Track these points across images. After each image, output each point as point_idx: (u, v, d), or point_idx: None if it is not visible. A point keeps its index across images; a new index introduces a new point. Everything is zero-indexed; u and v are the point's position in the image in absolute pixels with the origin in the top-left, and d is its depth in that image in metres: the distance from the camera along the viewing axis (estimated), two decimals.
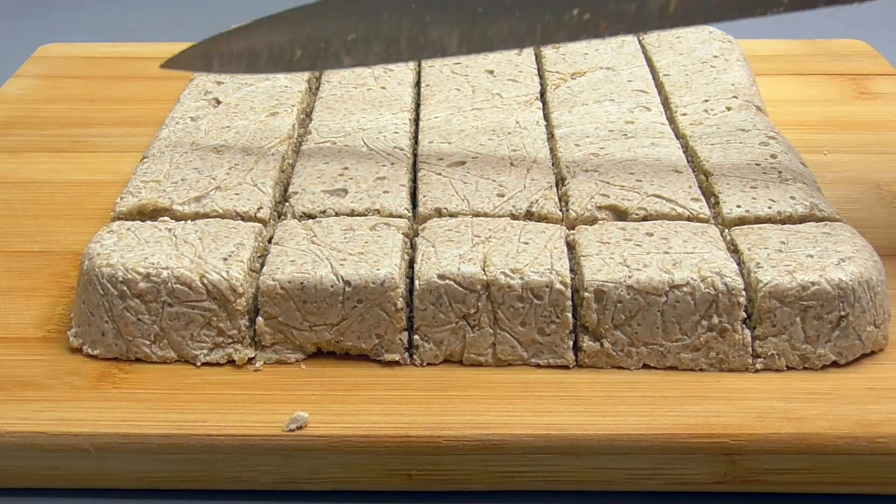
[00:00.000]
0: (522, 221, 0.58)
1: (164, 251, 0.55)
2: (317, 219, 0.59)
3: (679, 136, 0.68)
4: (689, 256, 0.54)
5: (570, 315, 0.53)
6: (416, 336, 0.54)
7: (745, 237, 0.57)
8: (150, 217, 0.60)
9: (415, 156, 0.67)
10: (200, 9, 1.19)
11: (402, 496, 0.50)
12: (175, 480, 0.50)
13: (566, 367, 0.54)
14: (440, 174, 0.63)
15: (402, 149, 0.66)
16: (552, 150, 0.67)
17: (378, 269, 0.53)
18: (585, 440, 0.49)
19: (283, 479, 0.50)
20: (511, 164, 0.64)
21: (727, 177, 0.62)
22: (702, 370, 0.54)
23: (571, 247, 0.56)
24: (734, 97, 0.73)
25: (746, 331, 0.53)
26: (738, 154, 0.65)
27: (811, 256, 0.54)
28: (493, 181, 0.62)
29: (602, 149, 0.66)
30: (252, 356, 0.54)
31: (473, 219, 0.58)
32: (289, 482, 0.50)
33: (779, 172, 0.63)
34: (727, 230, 0.58)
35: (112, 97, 0.83)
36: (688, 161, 0.65)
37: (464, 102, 0.73)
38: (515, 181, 0.62)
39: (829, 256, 0.54)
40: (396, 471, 0.50)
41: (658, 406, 0.51)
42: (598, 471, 0.50)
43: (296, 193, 0.61)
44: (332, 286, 0.53)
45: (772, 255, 0.55)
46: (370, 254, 0.55)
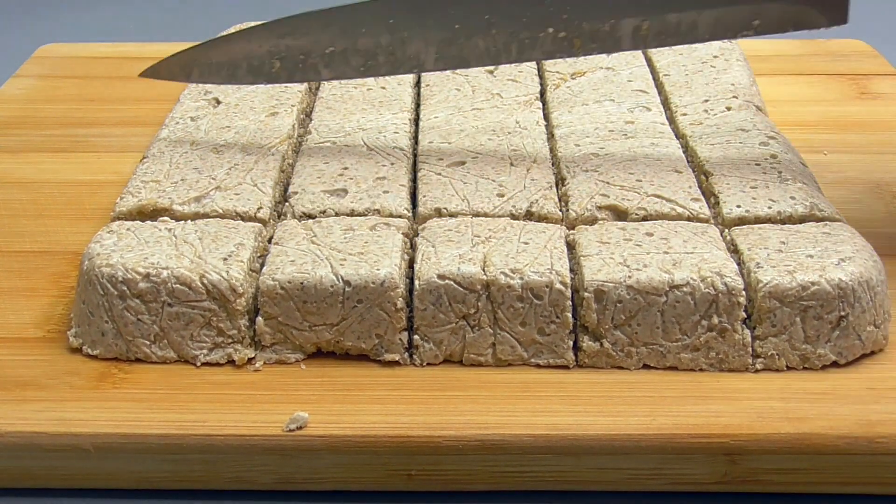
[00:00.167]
0: (522, 221, 0.58)
1: (164, 251, 0.55)
2: (317, 219, 0.59)
3: (679, 136, 0.68)
4: (689, 256, 0.54)
5: (570, 315, 0.53)
6: (416, 336, 0.54)
7: (745, 237, 0.57)
8: (150, 217, 0.60)
9: (415, 156, 0.67)
10: (200, 9, 1.19)
11: (402, 496, 0.50)
12: (175, 480, 0.50)
13: (566, 367, 0.54)
14: (440, 174, 0.63)
15: (402, 149, 0.66)
16: (552, 150, 0.67)
17: (378, 269, 0.53)
18: (585, 440, 0.49)
19: (283, 480, 0.50)
20: (511, 164, 0.64)
21: (727, 177, 0.62)
22: (702, 370, 0.54)
23: (571, 247, 0.56)
24: (734, 97, 0.73)
25: (746, 331, 0.53)
26: (738, 154, 0.65)
27: (811, 256, 0.54)
28: (493, 181, 0.62)
29: (602, 149, 0.66)
30: (252, 356, 0.54)
31: (473, 219, 0.58)
32: (288, 482, 0.50)
33: (779, 172, 0.63)
34: (727, 230, 0.58)
35: (112, 97, 0.83)
36: (688, 161, 0.65)
37: (464, 102, 0.73)
38: (515, 181, 0.62)
39: (829, 256, 0.54)
40: (396, 471, 0.50)
41: (658, 406, 0.51)
42: (598, 471, 0.50)
43: (296, 193, 0.61)
44: (332, 286, 0.53)
45: (772, 255, 0.55)
46: (370, 254, 0.55)
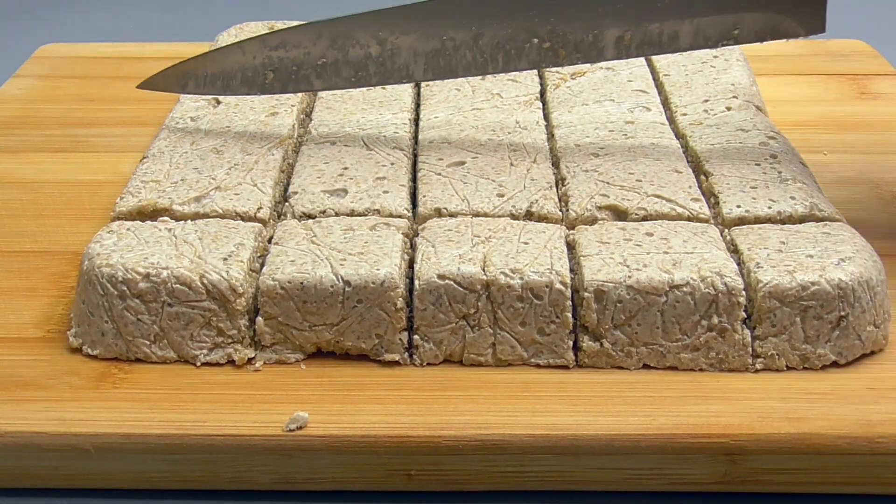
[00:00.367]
0: (522, 221, 0.58)
1: (164, 251, 0.55)
2: (317, 219, 0.59)
3: (679, 136, 0.68)
4: (689, 256, 0.54)
5: (570, 315, 0.53)
6: (416, 336, 0.54)
7: (745, 237, 0.57)
8: (150, 217, 0.60)
9: (415, 156, 0.67)
10: (200, 9, 1.19)
11: (402, 496, 0.50)
12: (175, 480, 0.50)
13: (566, 367, 0.54)
14: (440, 174, 0.63)
15: (402, 149, 0.66)
16: (552, 150, 0.67)
17: (378, 269, 0.53)
18: (585, 440, 0.49)
19: (283, 480, 0.50)
20: (511, 164, 0.64)
21: (727, 177, 0.62)
22: (702, 370, 0.54)
23: (571, 247, 0.56)
24: (734, 97, 0.73)
25: (746, 331, 0.53)
26: (738, 154, 0.65)
27: (811, 256, 0.54)
28: (493, 181, 0.62)
29: (602, 149, 0.66)
30: (252, 356, 0.54)
31: (473, 219, 0.58)
32: (288, 482, 0.50)
33: (779, 172, 0.63)
34: (727, 230, 0.58)
35: (112, 97, 0.83)
36: (688, 161, 0.65)
37: (464, 102, 0.73)
38: (515, 181, 0.62)
39: (829, 256, 0.54)
40: (396, 471, 0.50)
41: (658, 406, 0.51)
42: (598, 471, 0.50)
43: (296, 193, 0.61)
44: (332, 286, 0.53)
45: (772, 255, 0.55)
46: (370, 254, 0.55)
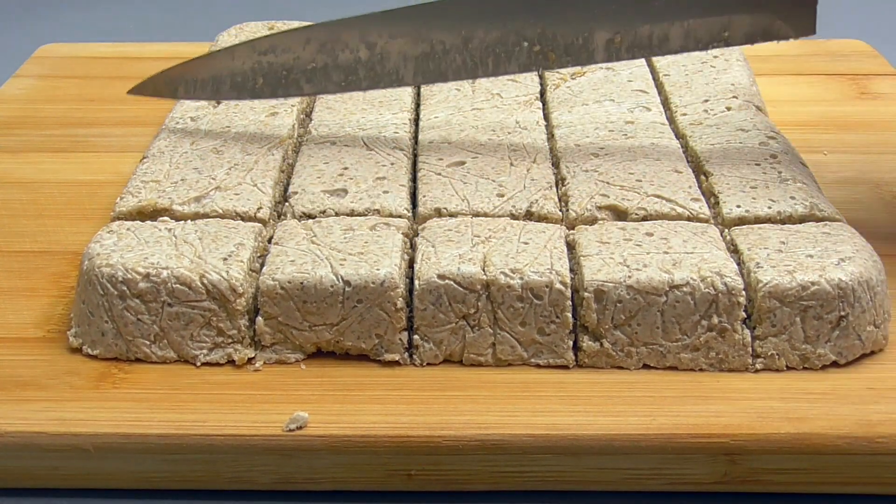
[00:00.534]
0: (522, 221, 0.58)
1: (164, 251, 0.55)
2: (317, 219, 0.59)
3: (679, 136, 0.68)
4: (689, 256, 0.54)
5: (570, 315, 0.53)
6: (416, 336, 0.54)
7: (745, 237, 0.57)
8: (150, 217, 0.60)
9: (415, 156, 0.67)
10: (200, 9, 1.19)
11: (402, 496, 0.50)
12: (175, 480, 0.50)
13: (566, 367, 0.54)
14: (440, 174, 0.63)
15: (402, 149, 0.66)
16: (552, 150, 0.67)
17: (378, 269, 0.53)
18: (585, 440, 0.49)
19: (283, 480, 0.50)
20: (511, 164, 0.64)
21: (727, 177, 0.62)
22: (702, 370, 0.54)
23: (571, 247, 0.56)
24: (734, 97, 0.73)
25: (746, 331, 0.53)
26: (738, 154, 0.65)
27: (811, 256, 0.54)
28: (493, 181, 0.62)
29: (602, 149, 0.66)
30: (252, 356, 0.54)
31: (473, 219, 0.58)
32: (288, 482, 0.50)
33: (779, 172, 0.63)
34: (727, 230, 0.58)
35: (112, 97, 0.83)
36: (688, 161, 0.65)
37: (464, 102, 0.73)
38: (515, 181, 0.62)
39: (829, 256, 0.54)
40: (396, 471, 0.50)
41: (658, 406, 0.51)
42: (598, 471, 0.50)
43: (296, 193, 0.61)
44: (332, 286, 0.53)
45: (772, 255, 0.55)
46: (370, 254, 0.55)
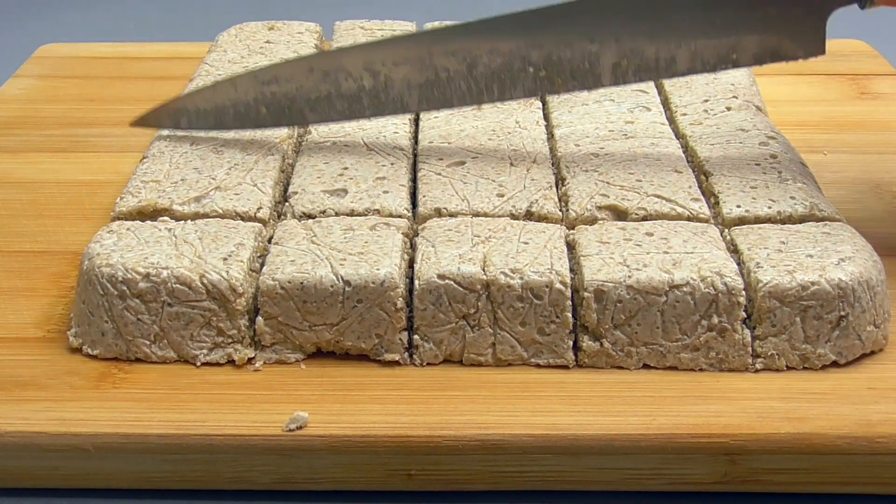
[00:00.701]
0: (522, 221, 0.58)
1: (164, 251, 0.55)
2: (317, 219, 0.59)
3: (679, 136, 0.68)
4: (689, 256, 0.54)
5: (570, 315, 0.53)
6: (416, 336, 0.54)
7: (745, 237, 0.57)
8: (150, 217, 0.60)
9: (415, 156, 0.67)
10: (200, 9, 1.19)
11: (402, 496, 0.50)
12: (175, 480, 0.50)
13: (566, 367, 0.54)
14: (440, 174, 0.63)
15: (402, 149, 0.66)
16: (552, 150, 0.67)
17: (378, 269, 0.53)
18: (585, 440, 0.49)
19: (283, 479, 0.50)
20: (511, 164, 0.64)
21: (727, 177, 0.62)
22: (702, 370, 0.54)
23: (571, 247, 0.56)
24: (734, 97, 0.73)
25: (746, 331, 0.53)
26: (738, 154, 0.65)
27: (811, 256, 0.54)
28: (493, 181, 0.62)
29: (602, 149, 0.66)
30: (252, 356, 0.54)
31: (473, 219, 0.58)
32: (288, 482, 0.50)
33: (779, 172, 0.63)
34: (727, 230, 0.58)
35: (112, 97, 0.83)
36: (688, 161, 0.65)
37: None
38: (515, 181, 0.62)
39: (829, 256, 0.54)
40: (396, 471, 0.50)
41: (658, 406, 0.51)
42: (598, 471, 0.50)
43: (296, 193, 0.61)
44: (332, 286, 0.53)
45: (772, 255, 0.55)
46: (370, 254, 0.55)
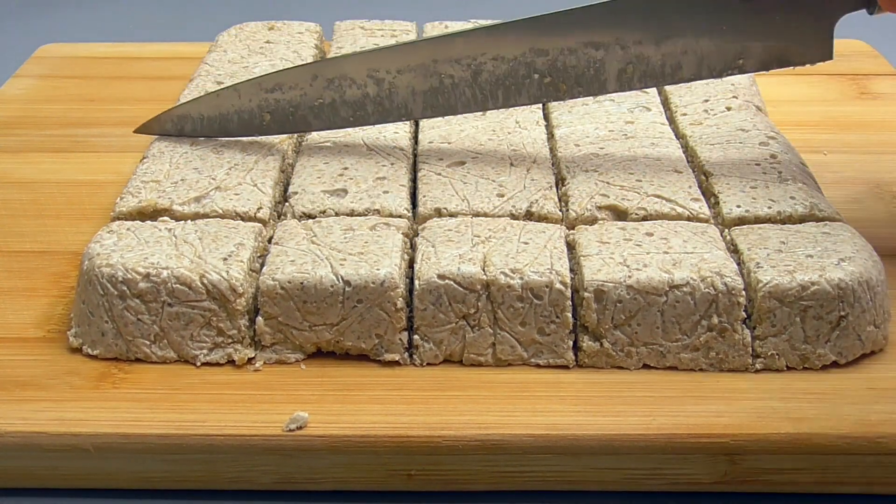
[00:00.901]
0: (522, 221, 0.58)
1: (164, 251, 0.55)
2: (317, 219, 0.59)
3: (679, 137, 0.68)
4: (689, 256, 0.54)
5: (570, 315, 0.53)
6: (416, 336, 0.54)
7: (745, 237, 0.57)
8: (150, 217, 0.60)
9: (415, 156, 0.67)
10: (200, 9, 1.19)
11: (402, 496, 0.50)
12: (175, 480, 0.50)
13: (566, 367, 0.54)
14: (440, 174, 0.63)
15: (402, 149, 0.66)
16: (552, 150, 0.67)
17: (378, 269, 0.53)
18: (585, 440, 0.49)
19: (283, 479, 0.50)
20: (511, 164, 0.64)
21: (727, 177, 0.62)
22: (702, 370, 0.54)
23: (571, 247, 0.56)
24: (734, 97, 0.73)
25: (746, 331, 0.53)
26: (738, 154, 0.65)
27: (811, 256, 0.54)
28: (493, 181, 0.62)
29: (602, 149, 0.66)
30: (252, 356, 0.54)
31: (473, 219, 0.58)
32: (288, 482, 0.50)
33: (779, 172, 0.63)
34: (727, 230, 0.58)
35: (112, 97, 0.83)
36: (688, 161, 0.65)
37: None
38: (515, 181, 0.62)
39: (829, 256, 0.54)
40: (396, 471, 0.50)
41: (658, 406, 0.51)
42: (598, 471, 0.50)
43: (296, 193, 0.61)
44: (332, 286, 0.53)
45: (772, 255, 0.55)
46: (370, 254, 0.55)
